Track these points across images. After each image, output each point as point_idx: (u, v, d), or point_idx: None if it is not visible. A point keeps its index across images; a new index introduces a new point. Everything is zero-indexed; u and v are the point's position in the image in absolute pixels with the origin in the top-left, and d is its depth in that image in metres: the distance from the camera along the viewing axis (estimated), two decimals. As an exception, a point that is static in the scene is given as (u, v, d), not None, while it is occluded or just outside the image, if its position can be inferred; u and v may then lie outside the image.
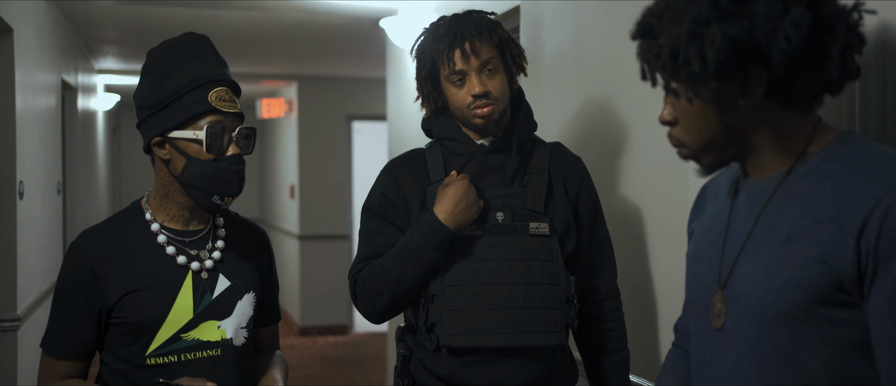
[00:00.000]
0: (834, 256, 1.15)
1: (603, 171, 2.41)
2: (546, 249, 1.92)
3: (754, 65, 1.18)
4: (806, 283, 1.17)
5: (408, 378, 2.00)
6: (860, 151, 1.19)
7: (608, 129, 2.43)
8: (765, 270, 1.23)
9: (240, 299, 1.81)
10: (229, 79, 1.75)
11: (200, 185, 1.71)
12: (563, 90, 2.72)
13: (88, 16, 5.47)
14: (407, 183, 2.00)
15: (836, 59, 1.18)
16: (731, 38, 1.15)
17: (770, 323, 1.21)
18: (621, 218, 2.36)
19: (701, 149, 1.27)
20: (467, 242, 1.91)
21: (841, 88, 1.23)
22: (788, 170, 1.24)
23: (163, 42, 1.78)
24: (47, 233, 4.60)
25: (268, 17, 5.39)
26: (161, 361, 1.74)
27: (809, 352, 1.19)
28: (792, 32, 1.14)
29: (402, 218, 1.99)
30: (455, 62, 1.91)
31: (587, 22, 2.56)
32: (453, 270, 1.90)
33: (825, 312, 1.17)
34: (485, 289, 1.89)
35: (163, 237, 1.78)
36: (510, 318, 1.89)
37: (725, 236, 1.31)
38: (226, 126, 1.71)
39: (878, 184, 1.13)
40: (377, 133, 10.57)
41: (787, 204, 1.23)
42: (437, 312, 1.91)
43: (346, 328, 8.78)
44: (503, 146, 1.98)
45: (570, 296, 1.94)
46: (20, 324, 3.60)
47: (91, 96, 7.29)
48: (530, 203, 1.93)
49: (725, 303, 1.28)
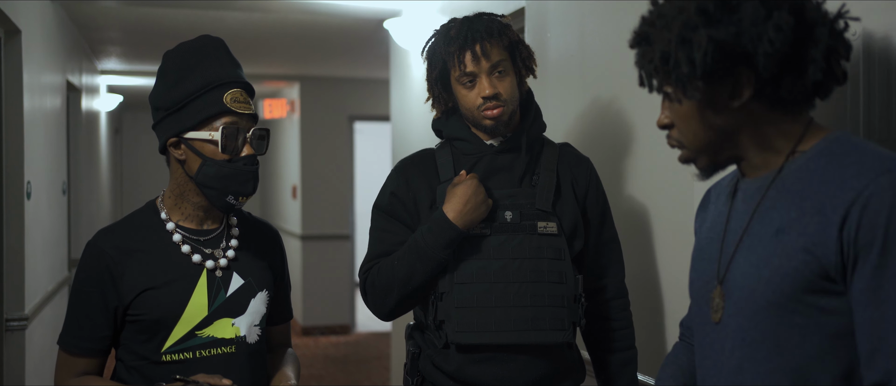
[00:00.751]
0: (819, 245, 1.20)
1: (609, 171, 2.44)
2: (554, 248, 1.95)
3: (743, 68, 1.24)
4: (793, 272, 1.23)
5: (417, 375, 2.03)
6: (847, 148, 1.24)
7: (613, 130, 2.45)
8: (757, 262, 1.28)
9: (253, 297, 1.84)
10: (244, 81, 1.78)
11: (215, 185, 1.74)
12: (568, 91, 2.74)
13: (93, 17, 5.50)
14: (417, 182, 2.02)
15: (818, 61, 1.23)
16: (717, 41, 1.21)
17: (760, 313, 1.27)
18: (628, 217, 2.38)
19: (697, 150, 1.34)
20: (476, 240, 1.93)
21: (829, 92, 1.29)
22: (780, 168, 1.29)
23: (179, 44, 1.81)
24: (53, 233, 4.62)
25: (271, 18, 5.42)
26: (177, 358, 1.77)
27: (798, 339, 1.24)
28: (774, 36, 1.20)
29: (412, 217, 2.01)
30: (466, 64, 1.93)
31: (592, 23, 2.59)
32: (462, 267, 1.93)
33: (812, 301, 1.23)
34: (493, 287, 1.92)
35: (178, 236, 1.81)
36: (518, 315, 1.92)
37: (724, 234, 1.37)
38: (240, 127, 1.74)
39: (860, 176, 1.19)
40: (379, 133, 10.60)
41: (779, 199, 1.28)
42: (446, 310, 1.94)
43: (349, 328, 8.81)
44: (512, 147, 2.00)
45: (578, 294, 1.96)
46: (28, 323, 3.63)
47: (94, 97, 7.32)
48: (539, 203, 1.96)
49: (723, 297, 1.34)
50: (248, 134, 1.76)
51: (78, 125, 6.00)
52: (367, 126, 10.32)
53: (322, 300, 8.71)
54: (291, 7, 4.82)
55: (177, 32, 6.03)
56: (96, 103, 7.51)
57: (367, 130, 10.57)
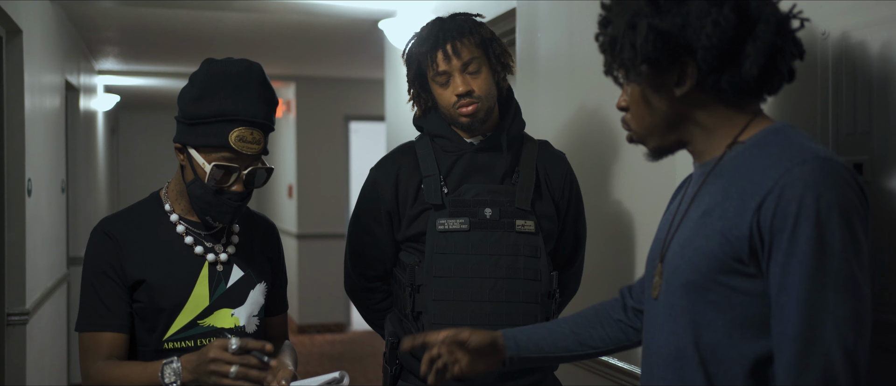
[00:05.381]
0: (733, 229, 1.28)
1: (596, 171, 2.48)
2: (531, 245, 2.02)
3: (688, 58, 1.31)
4: (710, 253, 1.31)
5: (396, 364, 2.10)
6: (779, 138, 1.31)
7: (602, 129, 2.49)
8: (684, 242, 1.37)
9: (252, 289, 1.90)
10: (260, 120, 1.76)
11: (197, 204, 1.80)
12: (557, 91, 2.79)
13: (91, 17, 5.54)
14: (403, 173, 2.09)
15: (753, 57, 1.29)
16: (659, 31, 1.29)
17: (681, 289, 1.35)
18: (612, 215, 2.43)
19: (643, 133, 1.42)
20: (456, 235, 2.00)
21: (776, 88, 1.35)
22: (722, 155, 1.36)
23: (223, 60, 1.79)
24: (52, 230, 4.68)
25: (268, 18, 5.46)
26: (179, 346, 1.82)
27: (712, 315, 1.31)
28: (712, 31, 1.27)
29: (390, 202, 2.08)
30: (438, 63, 2.00)
31: (581, 24, 2.63)
32: (441, 261, 1.99)
33: (726, 281, 1.30)
34: (470, 282, 1.99)
35: (181, 227, 1.86)
36: (492, 310, 1.99)
37: (673, 217, 1.45)
38: (235, 166, 1.76)
39: (779, 166, 1.25)
40: (374, 133, 10.64)
41: (712, 185, 1.36)
42: (424, 302, 2.01)
43: (344, 326, 8.86)
44: (491, 145, 2.06)
45: (552, 290, 2.04)
46: (29, 317, 3.68)
47: (92, 97, 7.36)
48: (518, 201, 2.02)
49: (661, 275, 1.41)
50: (244, 172, 1.77)
51: (76, 124, 6.05)
52: (362, 126, 10.37)
53: (318, 299, 8.76)
54: (287, 8, 4.86)
55: (174, 33, 6.09)
56: (94, 103, 7.55)
57: (362, 130, 10.62)
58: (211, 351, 1.62)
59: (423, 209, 2.04)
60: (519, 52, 3.09)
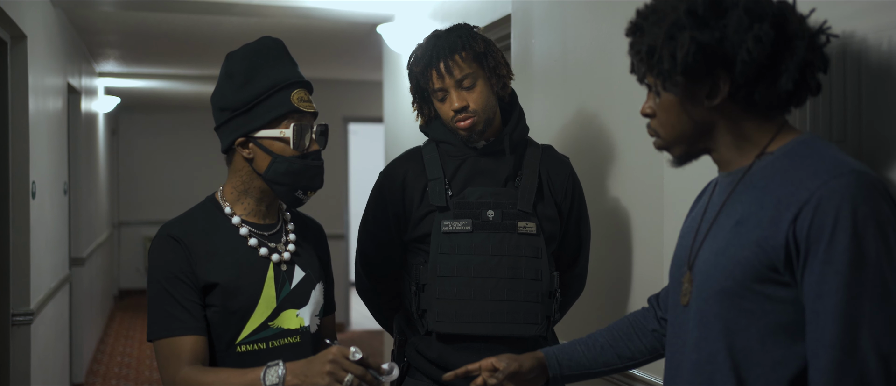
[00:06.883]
0: (769, 238, 1.31)
1: (591, 173, 2.51)
2: (532, 246, 2.08)
3: (721, 70, 1.34)
4: (745, 262, 1.34)
5: (403, 360, 2.17)
6: (811, 151, 1.34)
7: (596, 133, 2.53)
8: (717, 250, 1.40)
9: (313, 289, 1.90)
10: (305, 80, 1.84)
11: (285, 181, 1.80)
12: (552, 94, 2.83)
13: (92, 21, 5.59)
14: (409, 176, 2.16)
15: (791, 72, 1.32)
16: (700, 43, 1.31)
17: (715, 296, 1.38)
18: (608, 217, 2.47)
19: (671, 140, 1.44)
20: (460, 236, 2.06)
21: (803, 101, 1.38)
22: (750, 165, 1.40)
23: (242, 47, 1.85)
24: (55, 232, 4.73)
25: (268, 22, 5.49)
26: (251, 348, 1.80)
27: (745, 323, 1.35)
28: (753, 46, 1.30)
29: (397, 205, 2.15)
30: (433, 81, 2.07)
31: (575, 28, 2.67)
32: (445, 261, 2.06)
33: (760, 289, 1.33)
34: (472, 281, 2.05)
35: (245, 230, 1.84)
36: (494, 309, 2.05)
37: (700, 224, 1.48)
38: (306, 125, 1.81)
39: (816, 177, 1.28)
40: (373, 135, 10.69)
41: (744, 194, 1.39)
42: (428, 301, 2.08)
43: (343, 326, 8.90)
44: (495, 150, 2.13)
45: (553, 290, 2.10)
46: (33, 318, 3.72)
47: (92, 99, 7.41)
48: (520, 203, 2.08)
49: (691, 282, 1.45)
50: (313, 130, 1.82)
51: (78, 127, 6.10)
52: (361, 127, 10.44)
53: (317, 299, 8.77)
54: (287, 12, 4.90)
55: (174, 36, 6.14)
56: (94, 105, 7.59)
57: (361, 132, 10.69)
58: (330, 354, 1.61)
59: (429, 211, 2.10)
60: (514, 56, 3.13)
